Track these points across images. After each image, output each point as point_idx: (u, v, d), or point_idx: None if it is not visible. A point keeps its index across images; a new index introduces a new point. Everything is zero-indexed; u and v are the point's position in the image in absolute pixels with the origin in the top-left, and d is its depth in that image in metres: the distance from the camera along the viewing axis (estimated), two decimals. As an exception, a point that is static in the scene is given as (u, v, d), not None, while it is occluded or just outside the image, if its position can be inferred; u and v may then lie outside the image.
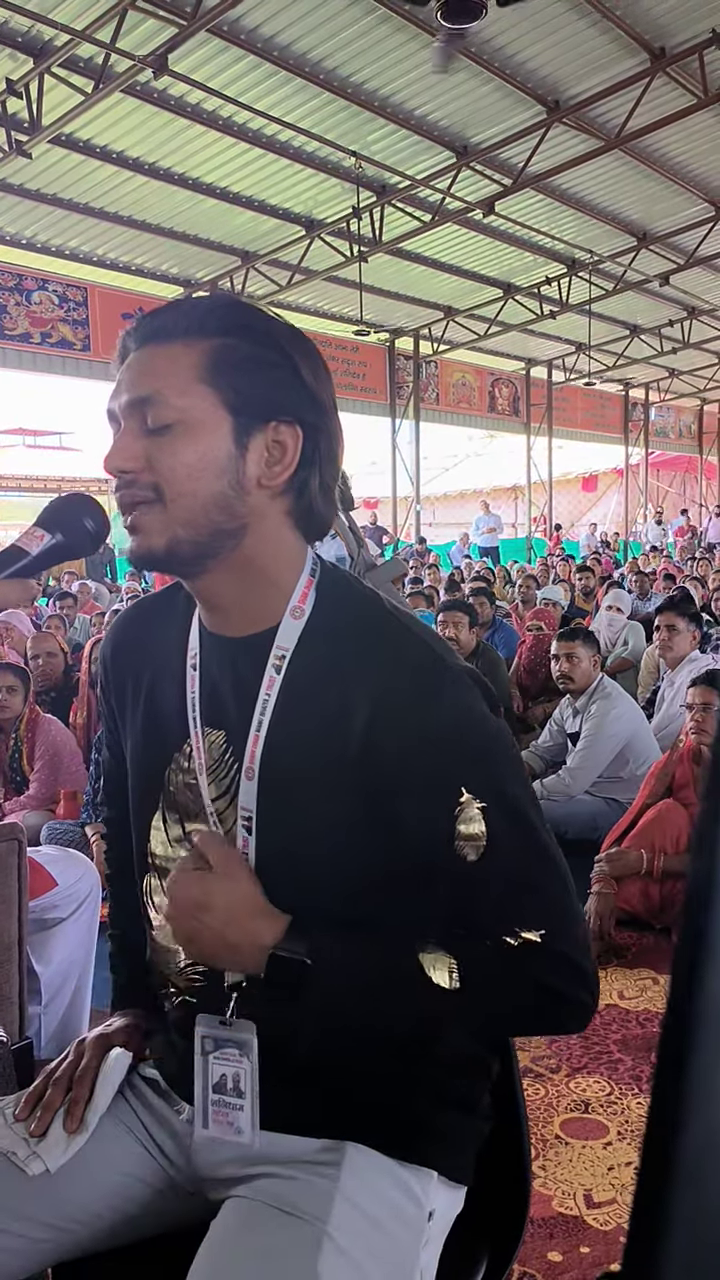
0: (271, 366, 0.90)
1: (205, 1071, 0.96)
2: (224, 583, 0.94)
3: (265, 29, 7.56)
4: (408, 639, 0.92)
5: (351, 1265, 0.85)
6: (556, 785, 3.88)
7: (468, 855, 0.87)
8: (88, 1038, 1.07)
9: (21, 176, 9.62)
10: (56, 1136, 0.98)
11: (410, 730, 0.87)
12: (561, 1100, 2.19)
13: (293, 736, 0.91)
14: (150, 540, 0.90)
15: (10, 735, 3.98)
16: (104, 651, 1.10)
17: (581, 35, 8.01)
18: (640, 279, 14.41)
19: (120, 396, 0.91)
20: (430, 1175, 0.95)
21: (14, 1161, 0.96)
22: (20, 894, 1.96)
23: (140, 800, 1.03)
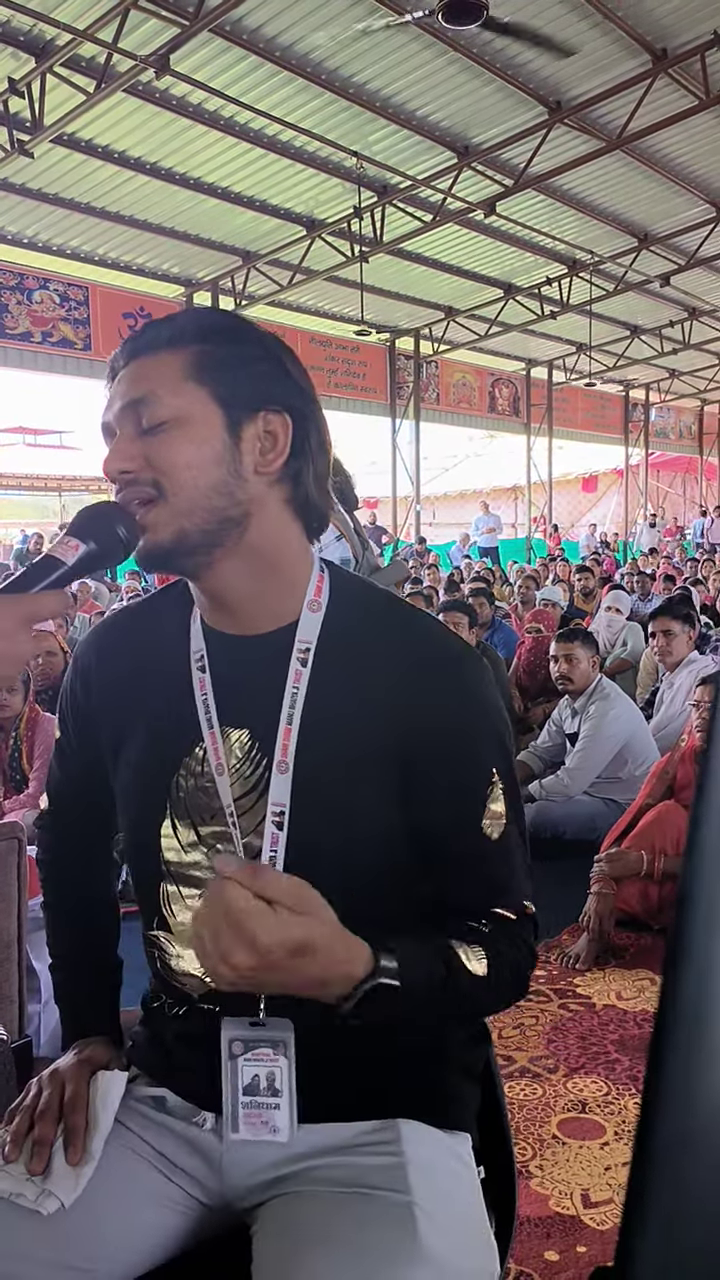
0: (255, 360, 0.94)
1: (235, 1075, 0.94)
2: (235, 576, 0.95)
3: (267, 29, 7.56)
4: (430, 628, 0.98)
5: (443, 1231, 0.88)
6: (555, 785, 3.89)
7: (491, 833, 0.93)
8: (61, 1066, 1.03)
9: (23, 176, 9.63)
10: (62, 1170, 0.94)
11: (445, 716, 0.93)
12: (559, 1100, 2.20)
13: (325, 727, 0.93)
14: (157, 536, 0.91)
15: (10, 734, 3.99)
16: (84, 661, 1.07)
17: (583, 36, 8.01)
18: (641, 280, 14.42)
19: (114, 407, 0.94)
20: (467, 1139, 1.01)
21: (22, 1204, 0.91)
22: (20, 892, 1.96)
23: (144, 809, 1.01)
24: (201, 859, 0.98)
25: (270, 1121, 0.94)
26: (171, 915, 1.00)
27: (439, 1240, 0.86)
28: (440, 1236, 0.87)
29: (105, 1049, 1.06)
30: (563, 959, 2.90)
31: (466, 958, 0.90)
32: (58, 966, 1.15)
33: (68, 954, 1.15)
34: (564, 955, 2.91)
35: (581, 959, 2.88)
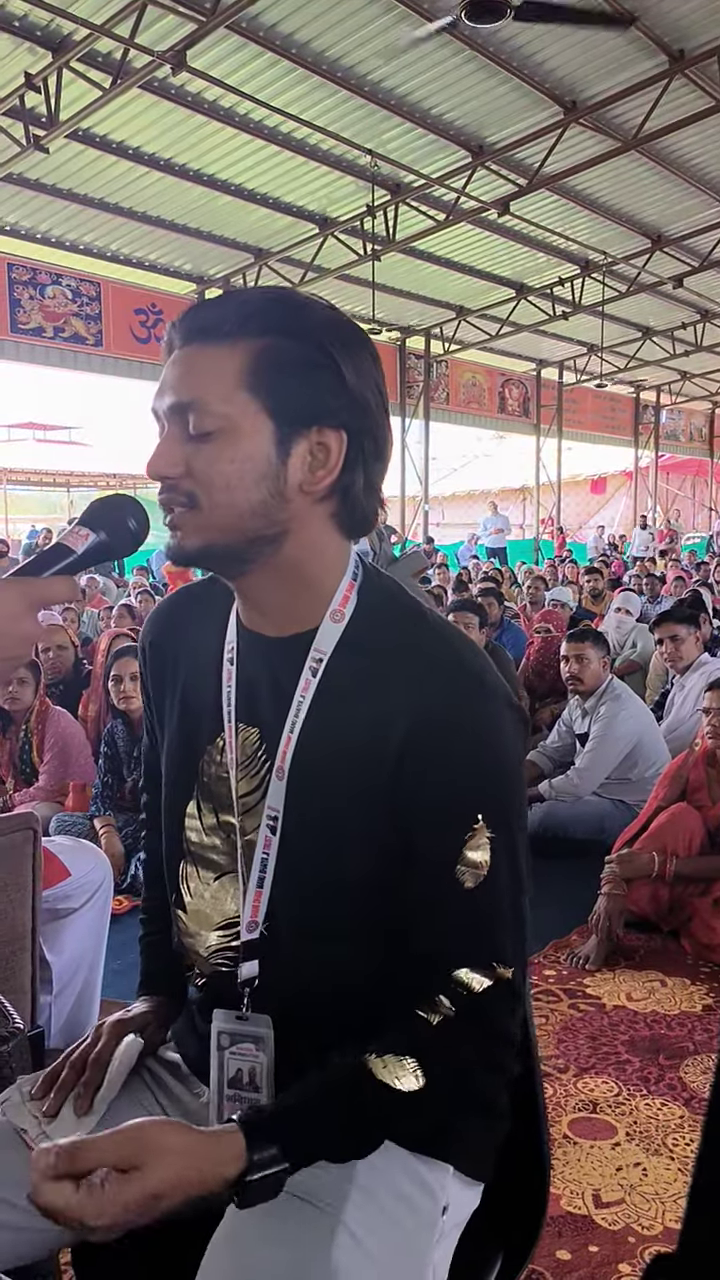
0: (315, 369, 0.88)
1: (221, 1066, 0.96)
2: (265, 583, 0.95)
3: (284, 26, 7.56)
4: (449, 655, 0.92)
5: (365, 1254, 0.85)
6: (564, 786, 3.88)
7: (465, 881, 0.88)
8: (107, 1021, 1.08)
9: (38, 171, 9.65)
10: (67, 1117, 0.99)
11: (442, 750, 0.88)
12: (569, 1100, 2.19)
13: (325, 740, 0.92)
14: (186, 540, 0.91)
15: (20, 727, 3.99)
16: (143, 644, 1.11)
17: (600, 36, 7.98)
18: (654, 281, 14.38)
19: (164, 398, 0.90)
20: (446, 1170, 0.95)
21: (24, 1139, 0.98)
22: (34, 883, 1.96)
23: (175, 788, 1.04)
24: (219, 843, 0.99)
25: None
26: (188, 893, 1.03)
27: (357, 1265, 0.83)
28: (360, 1262, 0.84)
29: (150, 1012, 1.11)
30: (572, 959, 2.90)
31: (391, 1076, 0.85)
32: (145, 921, 1.20)
33: (152, 909, 1.19)
34: (573, 955, 2.91)
35: (591, 959, 2.87)
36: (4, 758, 4.03)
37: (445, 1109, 0.90)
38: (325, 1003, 0.94)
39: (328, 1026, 0.94)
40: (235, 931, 0.97)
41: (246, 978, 0.95)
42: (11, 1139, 0.99)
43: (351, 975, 0.94)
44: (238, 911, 0.97)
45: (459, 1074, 0.89)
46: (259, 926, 0.95)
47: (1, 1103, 1.03)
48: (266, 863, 0.94)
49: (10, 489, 22.15)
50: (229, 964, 0.98)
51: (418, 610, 0.97)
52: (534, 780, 4.11)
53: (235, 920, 0.98)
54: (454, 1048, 0.89)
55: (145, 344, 12.76)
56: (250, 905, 0.95)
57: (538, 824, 3.87)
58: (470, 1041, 0.89)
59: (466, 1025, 0.89)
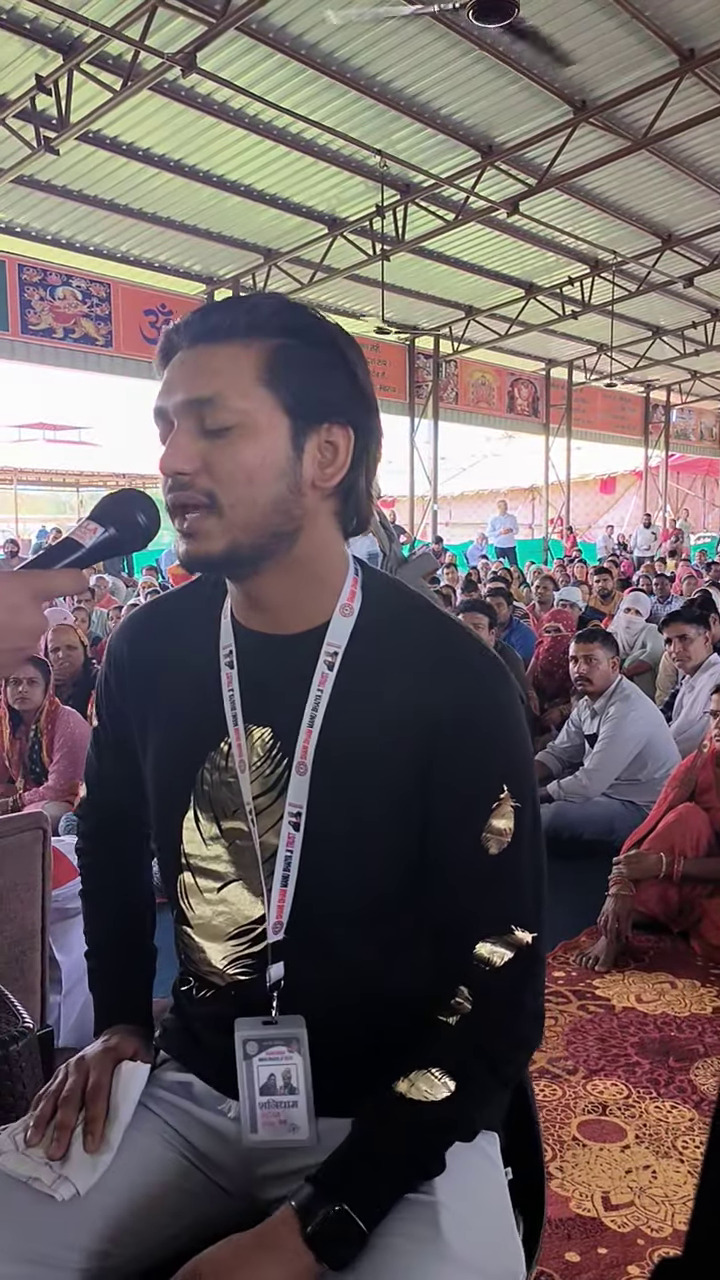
0: (327, 368, 0.91)
1: (251, 1075, 0.95)
2: (276, 583, 0.95)
3: (293, 27, 7.57)
4: (461, 638, 0.96)
5: (469, 1229, 0.87)
6: (574, 786, 3.87)
7: (490, 848, 0.91)
8: (88, 1054, 1.03)
9: (49, 173, 9.68)
10: (80, 1157, 0.94)
11: (471, 729, 0.91)
12: (578, 1102, 2.19)
13: (346, 731, 0.92)
14: (208, 545, 0.89)
15: (30, 727, 4.01)
16: (118, 652, 1.07)
17: (610, 35, 7.97)
18: (664, 280, 14.35)
19: (174, 395, 0.90)
20: (495, 1138, 0.99)
21: (39, 1188, 0.92)
22: (44, 883, 1.97)
23: (167, 800, 1.01)
24: (222, 852, 0.98)
25: (288, 1120, 0.94)
26: (190, 908, 1.01)
27: (464, 1239, 0.85)
28: (465, 1236, 0.86)
29: (132, 1039, 1.06)
30: (582, 960, 2.89)
31: (422, 1093, 0.87)
32: (93, 953, 1.15)
33: (103, 941, 1.15)
34: (583, 957, 2.90)
35: (600, 961, 2.86)
36: (14, 757, 4.04)
37: (482, 1096, 0.92)
38: (356, 993, 0.95)
39: (360, 1016, 0.94)
40: (252, 937, 0.96)
41: (274, 980, 0.95)
42: (18, 1193, 0.92)
43: (380, 962, 0.94)
44: (250, 916, 0.96)
45: (485, 1062, 0.91)
46: (284, 927, 0.94)
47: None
48: (290, 860, 0.93)
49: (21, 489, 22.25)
50: (249, 971, 0.97)
51: (423, 602, 0.99)
52: (542, 781, 4.11)
53: (250, 927, 0.96)
54: (475, 1042, 0.91)
55: (155, 344, 12.72)
56: (275, 906, 0.94)
57: (547, 824, 3.85)
58: (491, 1028, 0.91)
59: (485, 1011, 0.91)
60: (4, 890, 1.89)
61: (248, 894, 0.97)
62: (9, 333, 11.63)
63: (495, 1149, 0.99)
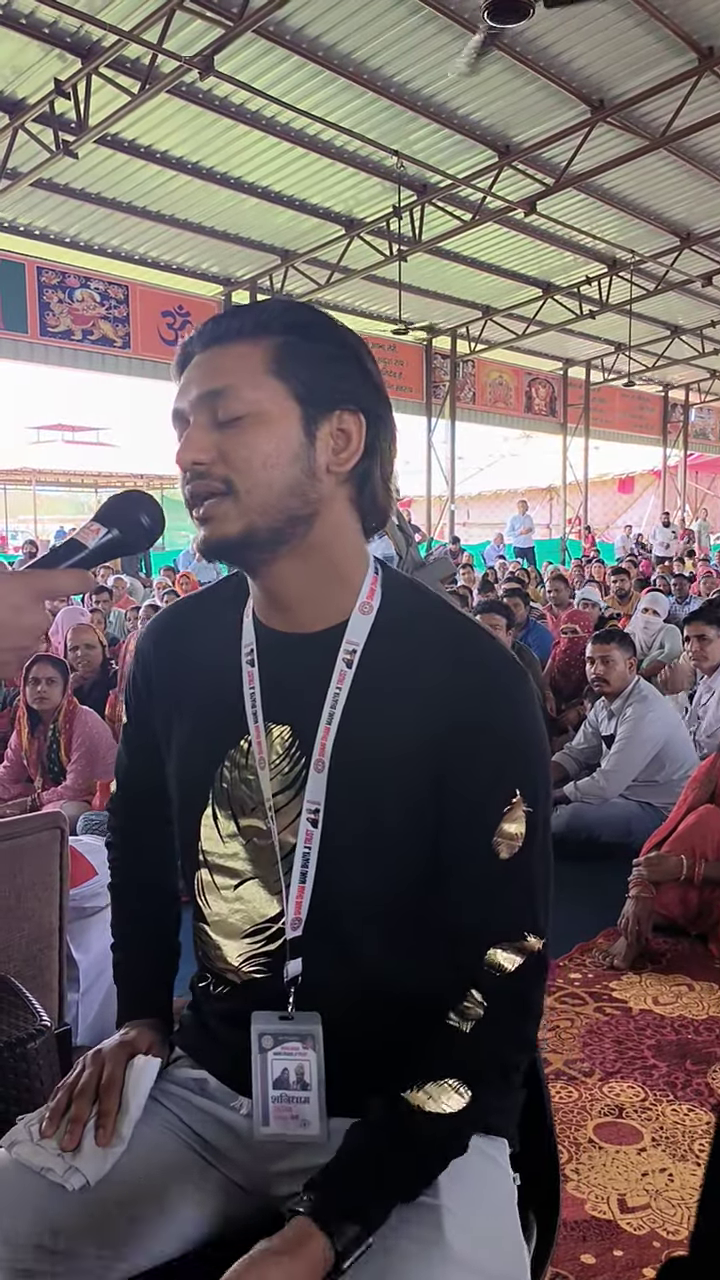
0: (334, 359, 0.93)
1: (264, 1068, 0.96)
2: (294, 574, 0.95)
3: (311, 29, 7.58)
4: (480, 639, 0.96)
5: (473, 1234, 0.87)
6: (591, 788, 3.86)
7: (500, 852, 0.91)
8: (104, 1048, 1.05)
9: (67, 176, 9.74)
10: (91, 1149, 0.96)
11: (485, 731, 0.91)
12: (594, 1104, 2.18)
13: (364, 729, 0.93)
14: (225, 528, 0.92)
15: (49, 726, 4.03)
16: (144, 651, 1.09)
17: (628, 34, 7.95)
18: (682, 279, 14.28)
19: (189, 394, 0.93)
20: (503, 1144, 0.99)
21: (51, 1179, 0.94)
22: (62, 882, 1.98)
23: (188, 797, 1.03)
24: (239, 850, 0.99)
25: (300, 1115, 0.95)
26: (207, 905, 1.02)
27: (468, 1244, 0.86)
28: (469, 1240, 0.86)
29: (149, 1033, 1.08)
30: (602, 957, 2.88)
31: (437, 1104, 0.87)
32: (118, 946, 1.17)
33: (128, 935, 1.17)
34: (604, 954, 2.90)
35: (619, 958, 2.85)
36: (32, 757, 4.07)
37: (493, 1101, 0.93)
38: (371, 992, 0.95)
39: (375, 1015, 0.95)
40: (268, 935, 0.97)
41: (292, 976, 0.96)
42: (29, 1181, 0.95)
43: (396, 962, 0.95)
44: (266, 914, 0.97)
45: (498, 1069, 0.92)
46: (302, 923, 0.95)
47: (9, 1146, 0.98)
48: (309, 857, 0.94)
49: (39, 489, 22.40)
50: (265, 969, 0.98)
51: (441, 602, 1.00)
52: (559, 782, 4.09)
53: (266, 925, 0.98)
54: (489, 1049, 0.91)
55: (172, 346, 12.77)
56: (294, 902, 0.95)
57: (564, 826, 3.85)
58: (503, 1032, 0.92)
59: (498, 1016, 0.91)
60: (22, 889, 1.90)
61: (264, 892, 0.98)
62: (28, 335, 11.72)
63: (504, 1155, 0.99)
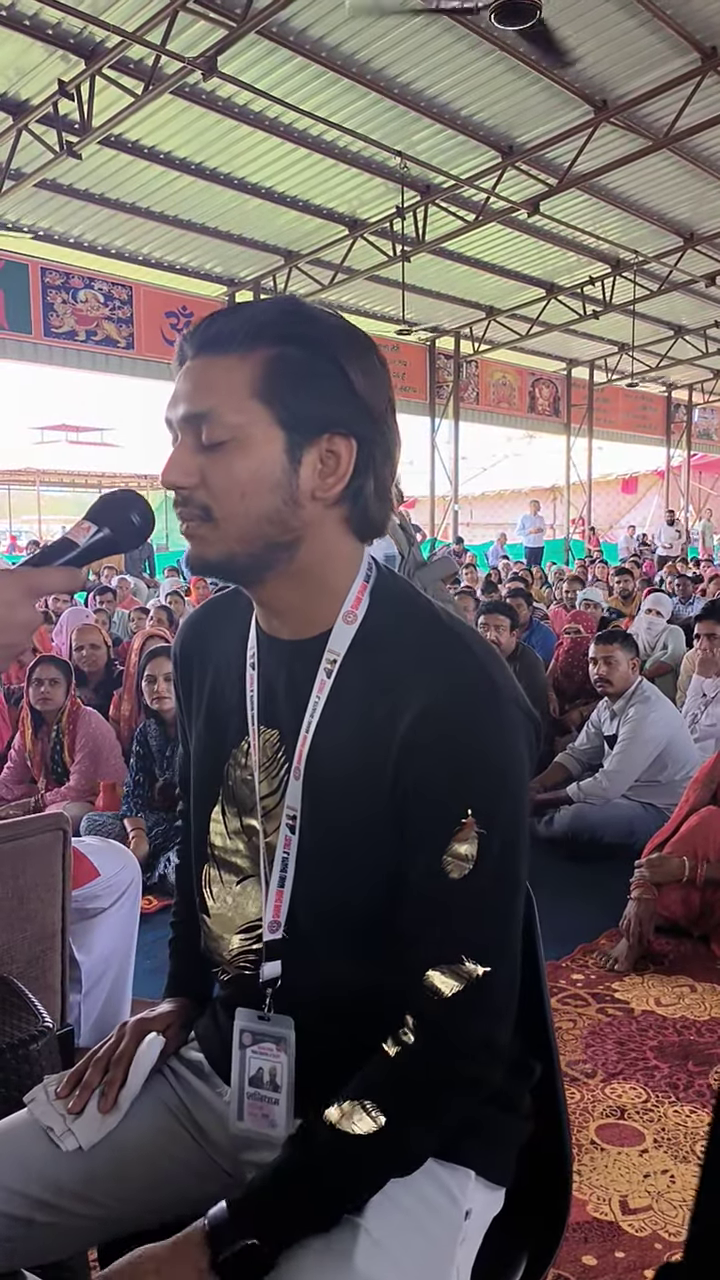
0: (324, 378, 0.90)
1: (243, 1065, 0.98)
2: (282, 590, 0.96)
3: (314, 30, 7.59)
4: (461, 655, 0.92)
5: (388, 1259, 0.86)
6: (593, 788, 3.86)
7: (450, 872, 0.87)
8: (130, 1021, 1.11)
9: (71, 177, 9.75)
10: (91, 1115, 1.03)
11: (440, 747, 0.88)
12: (597, 1106, 2.18)
13: (338, 740, 0.93)
14: (206, 551, 0.93)
15: (52, 727, 4.04)
16: (175, 650, 1.14)
17: (631, 35, 7.94)
18: (686, 279, 14.26)
19: (177, 408, 0.92)
20: (468, 1174, 0.96)
21: (50, 1137, 1.01)
22: (64, 883, 1.99)
23: (201, 792, 1.06)
24: (242, 846, 1.01)
25: (270, 1115, 0.97)
26: (211, 898, 1.04)
27: (379, 1269, 0.84)
28: (382, 1267, 0.85)
29: (174, 1013, 1.14)
30: (603, 960, 2.88)
31: (349, 1123, 0.86)
32: (175, 923, 1.22)
33: (184, 916, 1.20)
34: (604, 957, 2.90)
35: (621, 961, 2.86)
36: (36, 758, 4.08)
37: (422, 1133, 0.89)
38: (346, 1002, 0.95)
39: (349, 1025, 0.94)
40: (257, 934, 0.99)
41: (269, 978, 0.97)
42: (40, 1138, 1.02)
43: (369, 974, 0.94)
44: (256, 914, 0.99)
45: (420, 1099, 0.88)
46: (280, 927, 0.96)
47: (29, 1101, 1.06)
48: (287, 862, 0.95)
49: (43, 490, 22.42)
50: (251, 966, 1.00)
51: (430, 610, 0.97)
52: (562, 782, 4.10)
53: (257, 923, 0.99)
54: (410, 1076, 0.88)
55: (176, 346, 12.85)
56: (272, 906, 0.96)
57: (567, 827, 3.85)
58: (429, 1066, 0.88)
59: (427, 1045, 0.88)
60: (24, 890, 1.91)
61: (255, 891, 1.00)
62: (32, 335, 11.73)
63: (464, 1186, 0.95)
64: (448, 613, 0.97)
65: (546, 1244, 1.07)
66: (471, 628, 0.97)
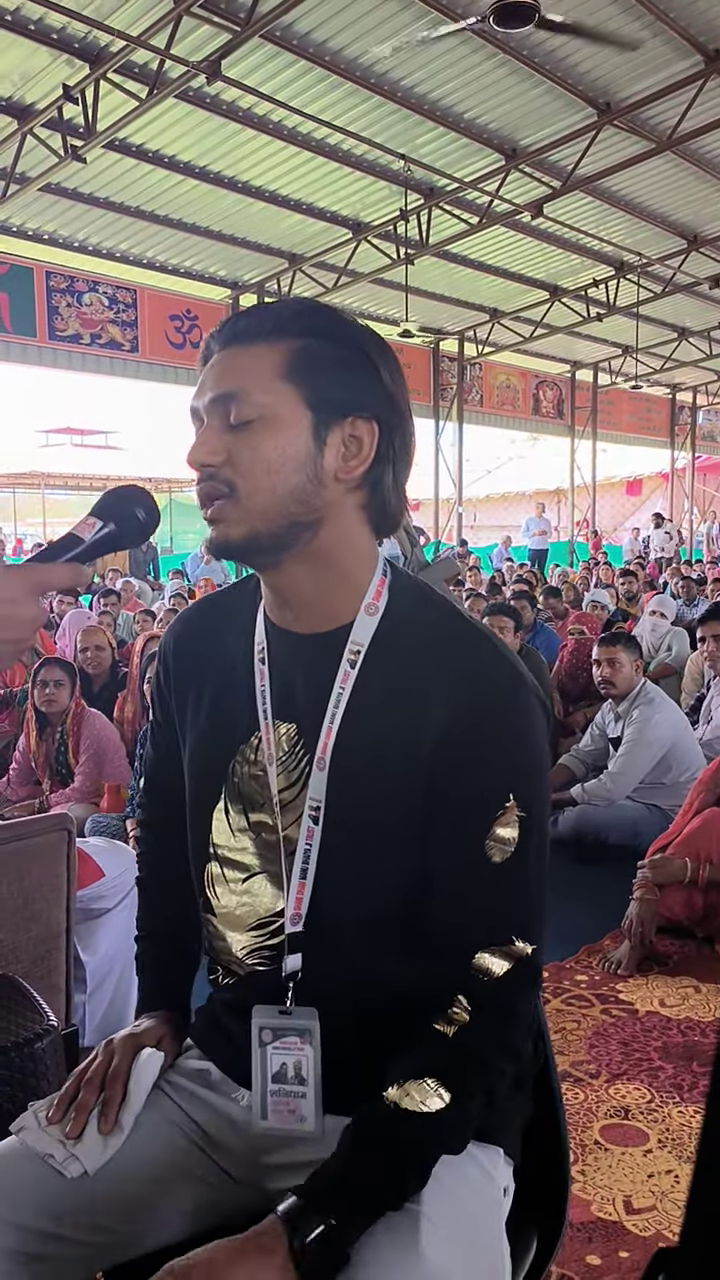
0: (351, 366, 0.93)
1: (264, 1062, 0.97)
2: (300, 576, 0.97)
3: (317, 34, 7.60)
4: (486, 646, 0.95)
5: (450, 1241, 0.86)
6: (598, 790, 3.86)
7: (494, 856, 0.91)
8: (116, 1039, 1.07)
9: (75, 181, 9.78)
10: (93, 1138, 0.98)
11: (480, 735, 0.91)
12: (601, 1106, 2.18)
13: (365, 729, 0.94)
14: (229, 531, 0.94)
15: (57, 729, 4.05)
16: (165, 647, 1.12)
17: (635, 37, 7.93)
18: (689, 281, 14.25)
19: (204, 394, 0.94)
20: (498, 1152, 0.98)
21: (52, 1165, 0.96)
22: (69, 884, 2.00)
23: (201, 792, 1.05)
24: (249, 845, 1.01)
25: (297, 1110, 0.96)
26: (215, 897, 1.04)
27: (443, 1253, 0.84)
28: (445, 1249, 0.85)
29: (161, 1026, 1.10)
30: (605, 964, 2.88)
31: (416, 1102, 0.86)
32: (142, 938, 1.19)
33: (151, 928, 1.19)
34: (606, 961, 2.89)
35: (624, 965, 2.85)
36: (40, 759, 4.09)
37: (475, 1108, 0.90)
38: (369, 992, 0.95)
39: (372, 1016, 0.95)
40: (271, 929, 0.99)
41: (290, 971, 0.97)
42: (36, 1167, 0.97)
43: (393, 964, 0.95)
44: (272, 909, 0.99)
45: (482, 1075, 0.90)
46: (302, 919, 0.96)
47: (18, 1130, 1.00)
48: (310, 854, 0.95)
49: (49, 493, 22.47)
50: (267, 962, 0.99)
51: (449, 605, 0.99)
52: (566, 784, 4.10)
53: (270, 919, 0.99)
54: (472, 1054, 0.89)
55: (180, 349, 12.89)
56: (294, 898, 0.96)
57: (571, 828, 3.85)
58: (487, 1039, 0.90)
59: (483, 1022, 0.90)
60: (29, 891, 1.91)
61: (271, 887, 0.99)
62: (36, 339, 11.76)
63: (496, 1164, 0.97)
64: (464, 609, 1.00)
65: (550, 1229, 1.07)
66: (487, 626, 1.00)
